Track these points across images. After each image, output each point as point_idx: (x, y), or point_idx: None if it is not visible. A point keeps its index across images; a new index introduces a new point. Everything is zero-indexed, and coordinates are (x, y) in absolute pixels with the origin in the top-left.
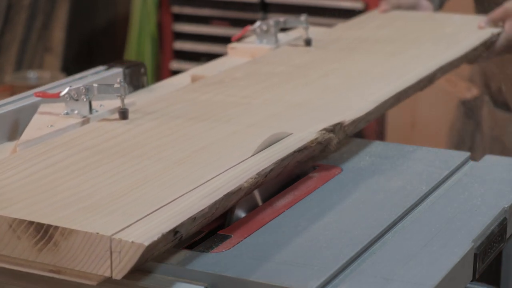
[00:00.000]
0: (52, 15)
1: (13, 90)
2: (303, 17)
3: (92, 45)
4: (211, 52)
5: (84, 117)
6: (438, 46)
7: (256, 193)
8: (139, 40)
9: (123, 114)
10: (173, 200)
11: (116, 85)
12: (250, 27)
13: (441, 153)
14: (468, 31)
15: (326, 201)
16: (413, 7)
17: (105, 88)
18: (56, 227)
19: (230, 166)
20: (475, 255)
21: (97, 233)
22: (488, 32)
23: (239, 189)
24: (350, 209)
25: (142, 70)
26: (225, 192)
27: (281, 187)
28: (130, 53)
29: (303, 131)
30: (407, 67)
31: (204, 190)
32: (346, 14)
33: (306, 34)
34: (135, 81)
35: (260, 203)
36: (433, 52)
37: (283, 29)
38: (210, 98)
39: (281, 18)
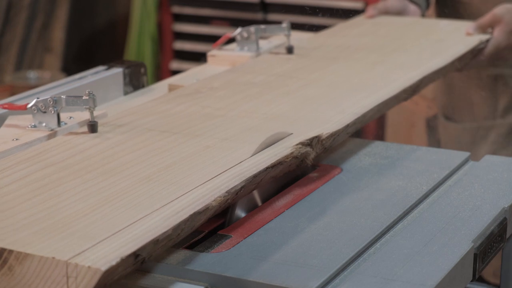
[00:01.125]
0: (52, 15)
1: (13, 90)
2: (285, 24)
3: (92, 45)
4: None
5: (52, 130)
6: (423, 54)
7: (256, 193)
8: (139, 40)
9: (92, 127)
10: (136, 221)
11: (84, 97)
12: (229, 34)
13: (441, 153)
14: (456, 37)
15: (326, 201)
16: (401, 12)
17: (74, 100)
18: (11, 251)
19: (200, 183)
20: (475, 255)
21: (53, 257)
22: (475, 39)
23: (206, 209)
24: (350, 209)
25: (142, 70)
26: (191, 212)
27: (281, 187)
28: (130, 53)
29: (278, 146)
30: (390, 77)
31: (168, 210)
32: (346, 14)
33: (288, 42)
34: (135, 81)
35: (260, 203)
36: (417, 60)
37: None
38: (184, 110)
39: (262, 25)
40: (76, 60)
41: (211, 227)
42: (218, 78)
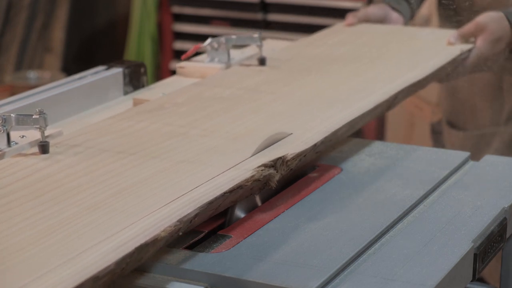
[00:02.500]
0: (52, 15)
1: (13, 90)
2: (256, 34)
3: (92, 45)
4: None
5: (0, 150)
6: (402, 65)
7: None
8: (139, 40)
9: (43, 148)
10: (75, 256)
11: (35, 116)
12: (200, 45)
13: (441, 153)
14: (437, 47)
15: (326, 201)
16: (382, 20)
17: (24, 119)
18: None
19: (150, 212)
20: (475, 255)
21: None
22: (457, 49)
23: (154, 240)
24: (350, 209)
25: (142, 70)
26: (136, 245)
27: (281, 187)
28: (130, 53)
29: (239, 168)
30: (365, 90)
31: (112, 243)
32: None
33: (260, 53)
34: (135, 81)
35: (260, 203)
36: (395, 72)
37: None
38: (144, 128)
39: (233, 35)
40: (76, 60)
41: (211, 227)
42: (184, 93)
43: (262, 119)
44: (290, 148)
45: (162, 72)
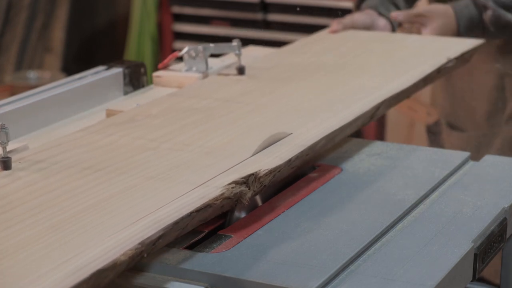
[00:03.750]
0: (52, 15)
1: (13, 90)
2: (235, 43)
3: (92, 45)
4: (211, 52)
5: None
6: (386, 74)
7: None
8: (139, 40)
9: (5, 164)
10: (27, 283)
11: None
12: (177, 53)
13: (441, 153)
14: (423, 55)
15: (326, 201)
16: (369, 27)
17: None
18: None
19: (111, 233)
20: (475, 255)
21: None
22: (443, 57)
23: (113, 265)
24: (350, 209)
25: (142, 70)
26: (93, 270)
27: (281, 187)
28: (130, 53)
29: (209, 186)
30: (346, 100)
31: (68, 268)
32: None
33: (239, 62)
34: (135, 81)
35: (260, 203)
36: (379, 81)
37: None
38: (114, 142)
39: (212, 44)
40: (76, 60)
41: (211, 227)
42: (158, 104)
43: (236, 132)
44: (264, 163)
45: None
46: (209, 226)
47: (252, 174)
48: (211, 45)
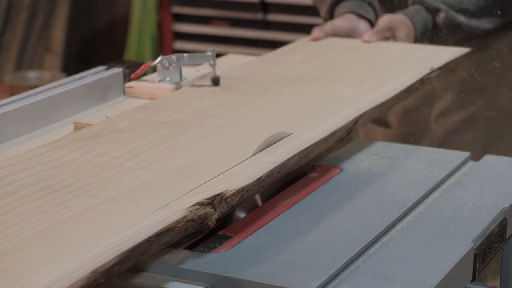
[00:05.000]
0: (52, 15)
1: (13, 90)
2: (209, 52)
3: (92, 45)
4: None
5: None
6: (366, 85)
7: (256, 194)
8: (139, 40)
9: None
10: None
11: None
12: (150, 63)
13: (441, 153)
14: (406, 64)
15: (326, 201)
16: (351, 33)
17: None
18: None
19: (60, 262)
20: (475, 255)
21: None
22: (427, 68)
23: None
24: (350, 209)
25: None
26: None
27: (281, 188)
28: (130, 53)
29: (171, 208)
30: (323, 114)
31: None
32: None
33: (214, 72)
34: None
35: (260, 203)
36: (358, 93)
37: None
38: (76, 159)
39: (185, 53)
40: (76, 60)
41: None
42: (127, 117)
43: (205, 149)
44: (232, 183)
45: None
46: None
47: (218, 194)
48: (185, 55)
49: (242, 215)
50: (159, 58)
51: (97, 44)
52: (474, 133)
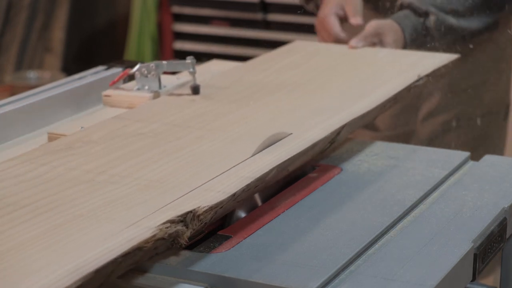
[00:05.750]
0: (52, 15)
1: (13, 90)
2: (189, 60)
3: (92, 45)
4: (211, 52)
5: None
6: (351, 93)
7: (256, 194)
8: (139, 40)
9: None
10: None
11: None
12: (129, 71)
13: (441, 153)
14: (393, 71)
15: (326, 201)
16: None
17: None
18: None
19: (23, 284)
20: (475, 255)
21: None
22: (414, 75)
23: None
24: (350, 209)
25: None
26: None
27: (281, 188)
28: (130, 53)
29: (140, 226)
30: (304, 125)
31: None
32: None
33: (193, 80)
34: None
35: (260, 203)
36: (341, 102)
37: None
38: (45, 173)
39: (165, 61)
40: (76, 60)
41: (211, 227)
42: (101, 128)
43: (180, 162)
44: (205, 199)
45: None
46: (209, 226)
47: (190, 211)
48: (164, 62)
49: (242, 215)
50: (137, 66)
51: (97, 44)
52: (461, 133)
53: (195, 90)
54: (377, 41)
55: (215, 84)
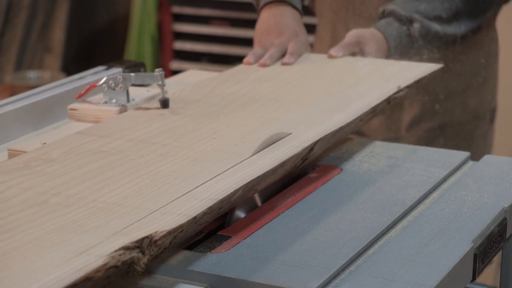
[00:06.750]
0: (52, 15)
1: (13, 90)
2: (157, 72)
3: (92, 45)
4: (211, 52)
5: None
6: (325, 106)
7: (256, 194)
8: (139, 40)
9: None
10: None
11: None
12: (96, 83)
13: (441, 153)
14: (372, 82)
15: (326, 201)
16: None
17: None
18: None
19: None
20: (475, 255)
21: None
22: (394, 87)
23: None
24: (349, 209)
25: (142, 70)
26: None
27: (280, 188)
28: (130, 53)
29: (91, 254)
30: (272, 143)
31: None
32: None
33: (162, 93)
34: None
35: (259, 203)
36: (316, 116)
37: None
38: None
39: (133, 73)
40: (76, 60)
41: (211, 227)
42: (62, 144)
43: (141, 182)
44: (163, 223)
45: None
46: (209, 226)
47: (147, 237)
48: (132, 75)
49: (242, 215)
50: (104, 78)
51: (97, 44)
52: (447, 139)
53: (164, 103)
54: (357, 50)
55: (186, 97)
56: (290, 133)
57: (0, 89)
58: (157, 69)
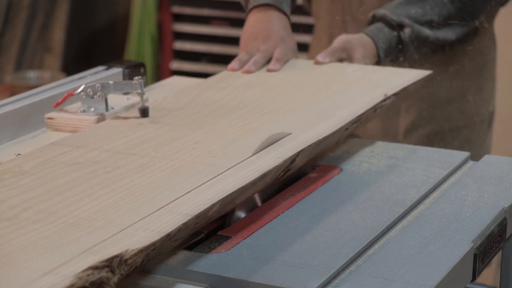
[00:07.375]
0: (52, 15)
1: (13, 90)
2: (136, 80)
3: (92, 45)
4: (211, 52)
5: None
6: (310, 114)
7: (256, 194)
8: (139, 40)
9: None
10: None
11: None
12: (74, 91)
13: (441, 153)
14: (359, 89)
15: (326, 201)
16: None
17: None
18: None
19: None
20: (475, 255)
21: None
22: (381, 95)
23: None
24: (349, 210)
25: (142, 70)
26: None
27: (280, 188)
28: (130, 53)
29: (57, 274)
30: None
31: None
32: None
33: (142, 102)
34: None
35: (259, 203)
36: (299, 126)
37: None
38: None
39: (111, 81)
40: (76, 60)
41: (211, 227)
42: (36, 155)
43: (115, 196)
44: (135, 241)
45: (162, 72)
46: (209, 226)
47: (117, 255)
48: (111, 83)
49: (242, 215)
50: (82, 87)
51: (97, 44)
52: (444, 143)
53: (144, 112)
54: (345, 56)
55: (167, 106)
56: (290, 133)
57: (0, 89)
58: (136, 77)
